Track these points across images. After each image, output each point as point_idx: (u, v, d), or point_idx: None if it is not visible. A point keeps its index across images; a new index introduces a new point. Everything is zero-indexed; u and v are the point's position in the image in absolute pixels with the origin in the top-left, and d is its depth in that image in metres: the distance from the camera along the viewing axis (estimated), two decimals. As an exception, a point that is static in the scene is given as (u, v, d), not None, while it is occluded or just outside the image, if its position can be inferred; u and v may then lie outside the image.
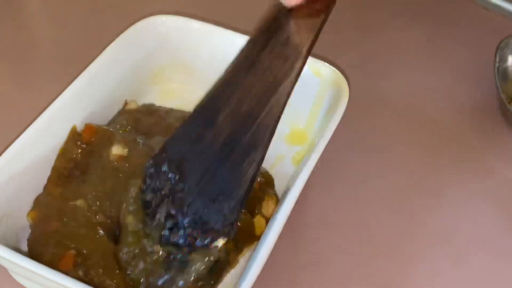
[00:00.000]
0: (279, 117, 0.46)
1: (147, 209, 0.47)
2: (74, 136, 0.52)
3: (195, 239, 0.46)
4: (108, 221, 0.48)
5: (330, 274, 0.51)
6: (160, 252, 0.46)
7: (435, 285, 0.51)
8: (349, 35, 0.72)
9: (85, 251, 0.46)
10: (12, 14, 0.72)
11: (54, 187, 0.50)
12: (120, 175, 0.50)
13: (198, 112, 0.48)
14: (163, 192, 0.47)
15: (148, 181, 0.47)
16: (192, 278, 0.45)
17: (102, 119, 0.55)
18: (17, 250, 0.46)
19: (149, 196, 0.47)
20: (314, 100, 0.56)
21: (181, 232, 0.46)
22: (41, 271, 0.41)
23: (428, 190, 0.57)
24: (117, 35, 0.56)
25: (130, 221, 0.47)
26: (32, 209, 0.49)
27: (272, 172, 0.54)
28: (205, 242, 0.45)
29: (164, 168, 0.47)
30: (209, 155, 0.46)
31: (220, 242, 0.45)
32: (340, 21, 0.74)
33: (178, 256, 0.46)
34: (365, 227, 0.54)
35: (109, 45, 0.55)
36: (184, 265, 0.46)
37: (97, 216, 0.48)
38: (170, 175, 0.47)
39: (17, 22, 0.72)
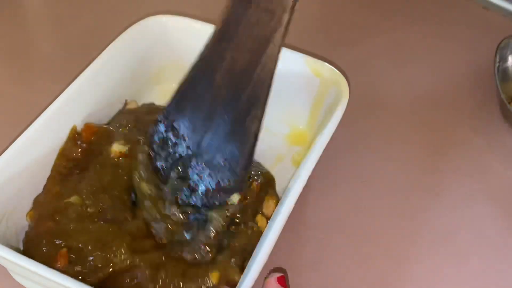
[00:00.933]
0: (273, 72, 0.47)
1: (159, 174, 0.49)
2: (74, 135, 0.52)
3: (211, 198, 0.48)
4: (99, 210, 0.48)
5: (330, 274, 0.51)
6: (179, 214, 0.48)
7: (435, 285, 0.51)
8: (349, 35, 0.72)
9: (76, 245, 0.45)
10: (12, 14, 0.72)
11: (53, 186, 0.50)
12: (120, 170, 0.50)
13: (195, 73, 0.48)
14: (172, 156, 0.49)
15: (155, 147, 0.49)
16: (212, 234, 0.47)
17: (102, 119, 0.55)
18: (17, 250, 0.46)
19: (158, 162, 0.49)
20: (314, 101, 0.56)
21: (196, 193, 0.48)
22: (41, 270, 0.41)
23: (428, 190, 0.57)
24: (117, 35, 0.56)
25: (145, 187, 0.49)
26: (31, 209, 0.49)
27: (272, 172, 0.54)
28: (221, 200, 0.48)
29: (169, 132, 0.49)
30: (212, 116, 0.48)
31: (236, 198, 0.48)
32: (340, 21, 0.74)
33: (197, 216, 0.48)
34: (365, 227, 0.54)
35: (109, 45, 0.55)
36: (203, 223, 0.48)
37: (88, 209, 0.48)
38: (176, 139, 0.48)
39: (17, 21, 0.72)
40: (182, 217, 0.48)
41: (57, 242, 0.46)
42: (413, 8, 0.76)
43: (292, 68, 0.56)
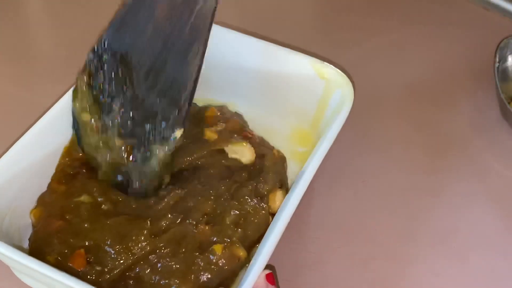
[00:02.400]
0: (215, 8, 0.46)
1: (100, 104, 0.48)
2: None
3: (154, 130, 0.47)
4: (114, 205, 0.48)
5: (330, 274, 0.51)
6: (122, 146, 0.48)
7: (435, 285, 0.51)
8: (349, 35, 0.72)
9: (94, 243, 0.45)
10: (13, 14, 0.72)
11: (58, 185, 0.50)
12: None
13: (134, 2, 0.48)
14: (112, 86, 0.48)
15: (95, 75, 0.48)
16: (156, 168, 0.47)
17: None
18: (20, 248, 0.46)
19: (99, 91, 0.48)
20: (319, 103, 0.56)
21: (138, 124, 0.47)
22: (43, 269, 0.41)
23: (428, 190, 0.57)
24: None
25: (87, 118, 0.48)
26: (36, 207, 0.49)
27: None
28: (163, 134, 0.47)
29: (108, 60, 0.48)
30: (153, 48, 0.47)
31: (178, 134, 0.47)
32: (340, 21, 0.74)
33: (140, 149, 0.48)
34: (365, 227, 0.54)
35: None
36: (146, 157, 0.48)
37: (103, 206, 0.48)
38: (116, 68, 0.48)
39: (18, 22, 0.72)
40: (124, 150, 0.48)
41: (71, 242, 0.46)
42: (413, 8, 0.76)
43: (297, 69, 0.55)
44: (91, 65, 0.48)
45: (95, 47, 0.48)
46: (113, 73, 0.48)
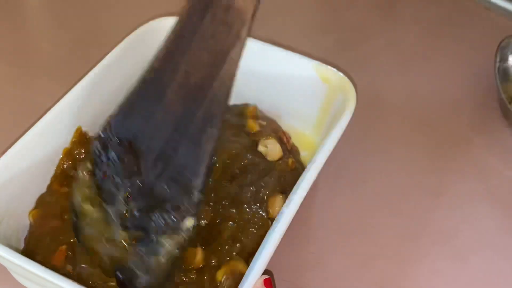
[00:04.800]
0: (230, 90, 0.44)
1: (103, 194, 0.45)
2: (80, 137, 0.51)
3: (162, 221, 0.43)
4: None
5: (330, 274, 0.51)
6: (126, 239, 0.44)
7: (435, 285, 0.51)
8: (348, 35, 0.72)
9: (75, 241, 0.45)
10: (13, 14, 0.72)
11: (60, 187, 0.50)
12: None
13: (143, 86, 0.46)
14: (118, 175, 0.45)
15: (99, 164, 0.45)
16: (163, 261, 0.43)
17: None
18: (18, 249, 0.46)
19: (102, 180, 0.45)
20: (321, 107, 0.56)
21: (145, 214, 0.44)
22: (39, 271, 0.41)
23: (428, 190, 0.57)
24: (122, 37, 0.56)
25: (89, 209, 0.45)
26: (34, 208, 0.49)
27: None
28: (173, 223, 0.43)
29: (114, 148, 0.45)
30: (163, 133, 0.44)
31: (190, 224, 0.44)
32: (340, 22, 0.74)
33: (147, 241, 0.43)
34: (365, 227, 0.54)
35: (117, 46, 0.55)
36: (152, 251, 0.43)
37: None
38: (122, 156, 0.45)
39: (18, 21, 0.72)
40: (128, 243, 0.44)
41: (60, 239, 0.46)
42: (414, 8, 0.76)
43: (300, 73, 0.55)
44: (95, 152, 0.45)
45: (101, 134, 0.45)
46: (118, 161, 0.45)
